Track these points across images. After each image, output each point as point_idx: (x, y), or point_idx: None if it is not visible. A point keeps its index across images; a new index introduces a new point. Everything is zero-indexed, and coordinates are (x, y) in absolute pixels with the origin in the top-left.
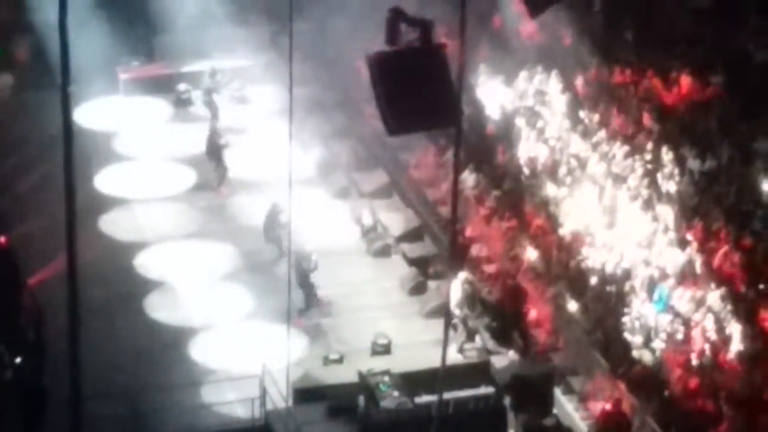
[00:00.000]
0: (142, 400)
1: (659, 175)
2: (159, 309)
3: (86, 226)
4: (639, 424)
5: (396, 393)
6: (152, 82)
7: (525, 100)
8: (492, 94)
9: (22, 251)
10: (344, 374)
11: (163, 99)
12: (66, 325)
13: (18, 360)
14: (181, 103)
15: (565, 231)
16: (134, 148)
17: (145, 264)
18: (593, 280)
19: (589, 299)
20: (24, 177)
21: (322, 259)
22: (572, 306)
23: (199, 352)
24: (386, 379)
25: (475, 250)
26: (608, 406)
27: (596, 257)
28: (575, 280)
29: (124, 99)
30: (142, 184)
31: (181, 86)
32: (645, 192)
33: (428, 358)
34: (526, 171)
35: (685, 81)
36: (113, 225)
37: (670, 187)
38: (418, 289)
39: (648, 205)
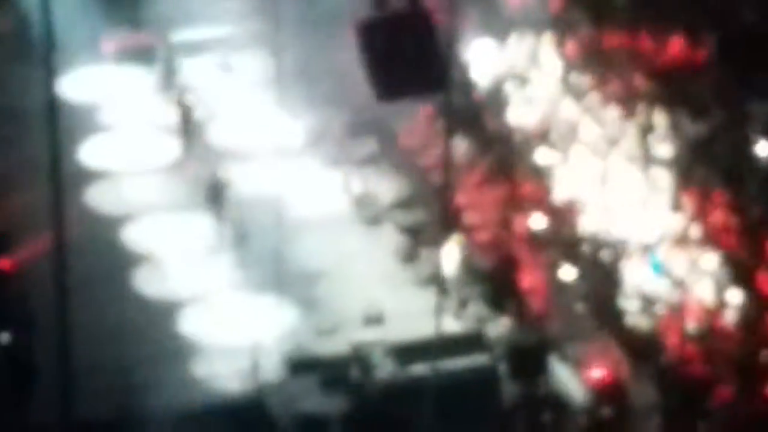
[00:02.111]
0: (132, 374)
1: (652, 139)
2: (147, 282)
3: (71, 200)
4: (636, 391)
5: (389, 363)
6: (138, 51)
7: (515, 64)
8: (481, 58)
9: (6, 227)
10: (337, 345)
11: (148, 68)
12: (53, 301)
13: (6, 335)
14: (167, 72)
15: (559, 197)
16: (119, 119)
17: (131, 237)
18: (588, 246)
19: (583, 265)
20: (7, 152)
21: (313, 229)
22: (567, 273)
23: (188, 325)
24: (379, 349)
25: (467, 218)
26: (604, 374)
27: (590, 223)
28: (569, 246)
29: (108, 69)
30: (127, 156)
31: (167, 55)
32: (639, 156)
33: (421, 328)
34: (517, 136)
35: (678, 44)
36: (98, 198)
37: (664, 150)
38: (410, 258)
39: (642, 169)
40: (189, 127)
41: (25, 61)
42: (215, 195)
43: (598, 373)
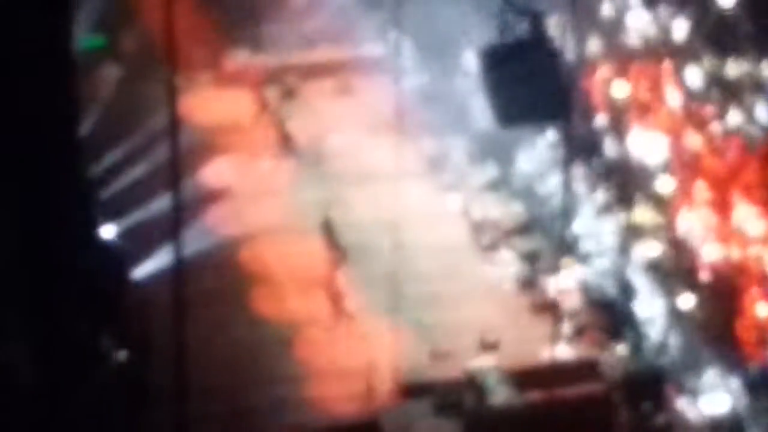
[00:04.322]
0: (246, 396)
1: None
2: (263, 303)
3: (191, 219)
4: (752, 422)
5: (504, 390)
6: (259, 72)
7: (636, 92)
8: (602, 86)
9: (126, 243)
10: (451, 370)
11: (269, 90)
12: (170, 320)
13: (122, 354)
14: (288, 95)
15: (678, 226)
16: (238, 140)
17: (248, 258)
18: (706, 276)
19: (702, 294)
20: (130, 168)
21: (430, 253)
22: (685, 301)
23: (303, 347)
24: (494, 375)
25: (585, 245)
26: (721, 404)
27: (710, 252)
28: (688, 274)
29: (229, 90)
30: (245, 178)
31: (288, 78)
32: (760, 187)
33: (537, 354)
34: (637, 165)
35: None
36: (218, 218)
37: None
38: (527, 284)
39: (762, 201)
40: (299, 150)
41: (149, 80)
42: (329, 218)
43: (714, 403)
